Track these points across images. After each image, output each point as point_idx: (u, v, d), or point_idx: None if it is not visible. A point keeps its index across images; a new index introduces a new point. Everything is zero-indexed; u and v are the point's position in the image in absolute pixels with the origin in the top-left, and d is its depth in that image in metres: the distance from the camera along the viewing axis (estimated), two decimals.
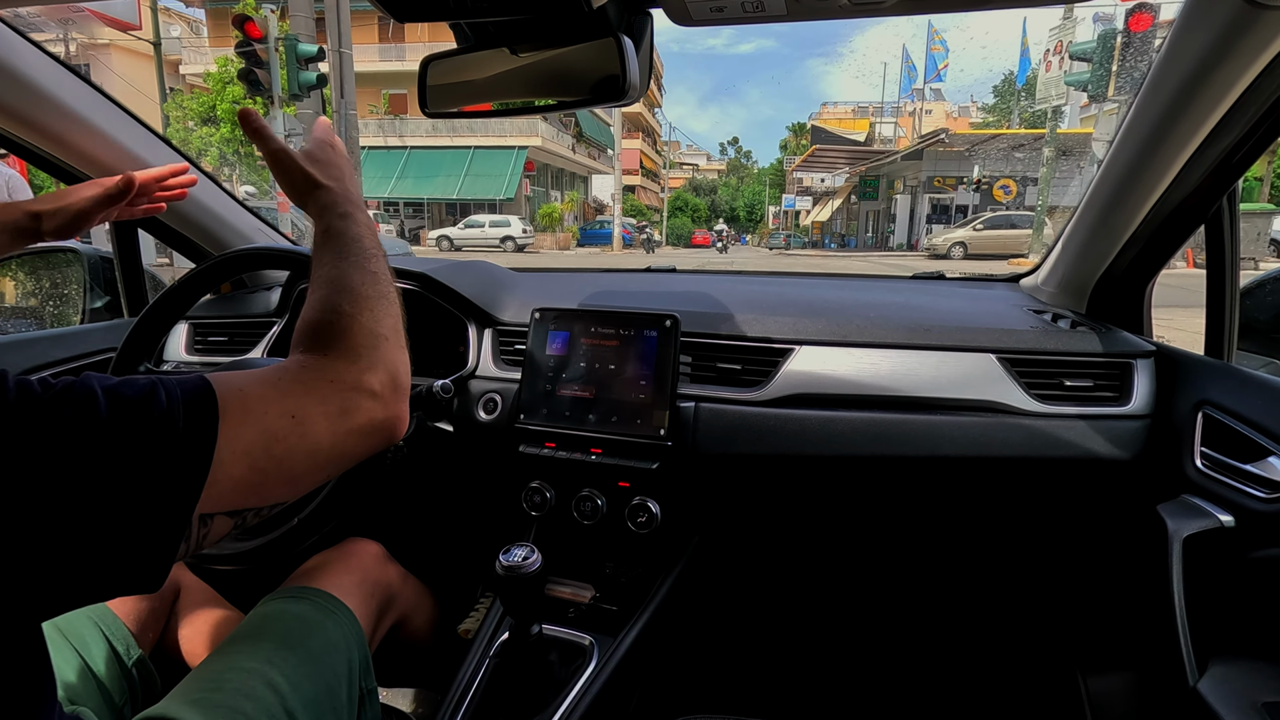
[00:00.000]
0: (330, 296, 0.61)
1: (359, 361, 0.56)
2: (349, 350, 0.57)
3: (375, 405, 0.56)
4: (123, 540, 0.41)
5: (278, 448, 0.48)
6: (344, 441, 0.53)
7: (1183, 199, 0.99)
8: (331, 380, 0.54)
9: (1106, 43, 9.20)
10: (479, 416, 1.19)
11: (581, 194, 34.37)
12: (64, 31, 17.88)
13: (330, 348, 0.57)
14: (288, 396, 0.50)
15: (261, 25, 7.55)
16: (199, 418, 0.45)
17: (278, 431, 0.48)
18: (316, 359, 0.56)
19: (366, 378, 0.56)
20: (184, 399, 0.45)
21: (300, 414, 0.50)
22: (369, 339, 0.59)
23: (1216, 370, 1.00)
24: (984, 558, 1.33)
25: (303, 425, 0.50)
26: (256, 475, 0.47)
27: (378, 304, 0.63)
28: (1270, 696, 0.79)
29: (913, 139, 28.09)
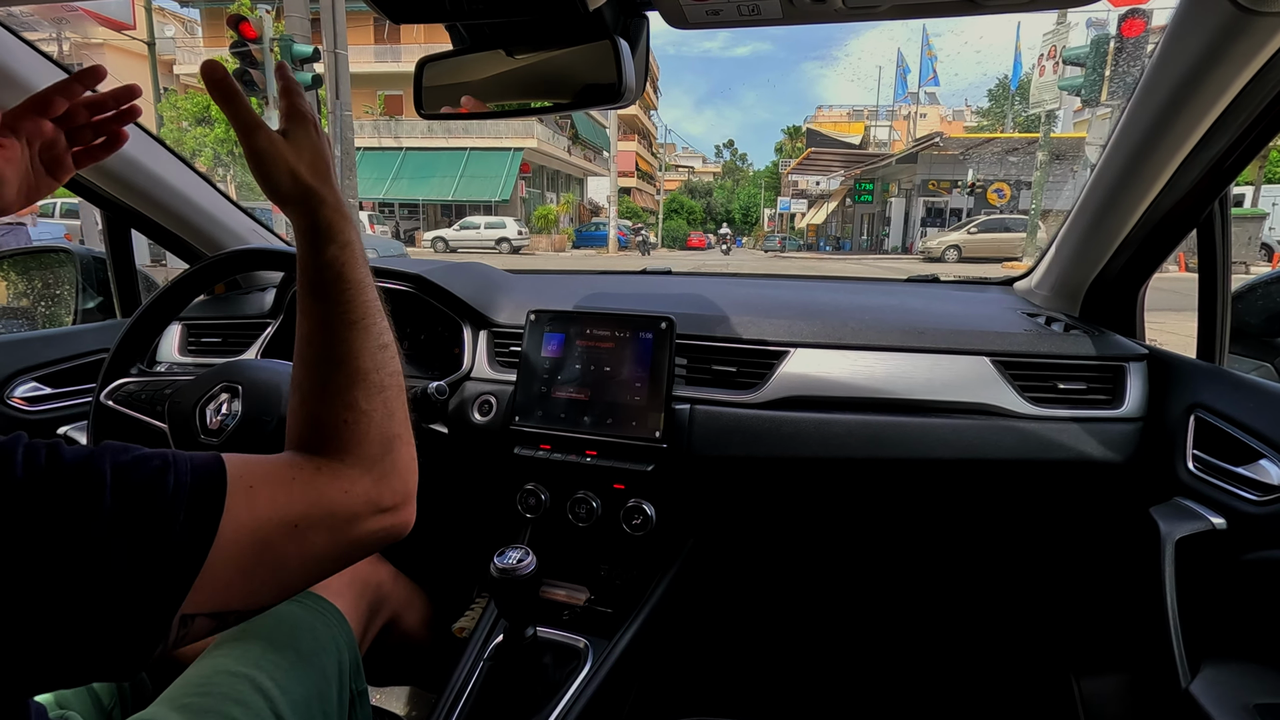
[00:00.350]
0: (341, 386, 0.55)
1: (373, 471, 0.53)
2: (363, 459, 0.53)
3: (385, 518, 0.53)
4: (103, 634, 0.40)
5: (272, 554, 0.46)
6: (345, 551, 0.52)
7: (1175, 203, 1.00)
8: (345, 491, 0.51)
9: (1099, 48, 9.27)
10: (474, 418, 1.19)
11: (577, 196, 34.38)
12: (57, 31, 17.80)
13: (342, 454, 0.53)
14: (295, 504, 0.48)
15: (256, 26, 7.53)
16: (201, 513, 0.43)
17: (276, 539, 0.46)
18: (329, 465, 0.52)
19: (380, 492, 0.53)
20: (191, 488, 0.43)
21: (304, 524, 0.48)
22: (383, 444, 0.55)
23: (1208, 374, 1.01)
24: (978, 560, 1.34)
25: (304, 535, 0.48)
26: (246, 580, 0.45)
27: (391, 393, 0.58)
28: (1262, 698, 0.80)
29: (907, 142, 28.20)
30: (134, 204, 1.29)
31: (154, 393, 0.99)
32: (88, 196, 1.26)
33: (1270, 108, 0.83)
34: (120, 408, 0.98)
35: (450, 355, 1.28)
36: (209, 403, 0.92)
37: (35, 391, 1.24)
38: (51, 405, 1.24)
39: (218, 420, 0.91)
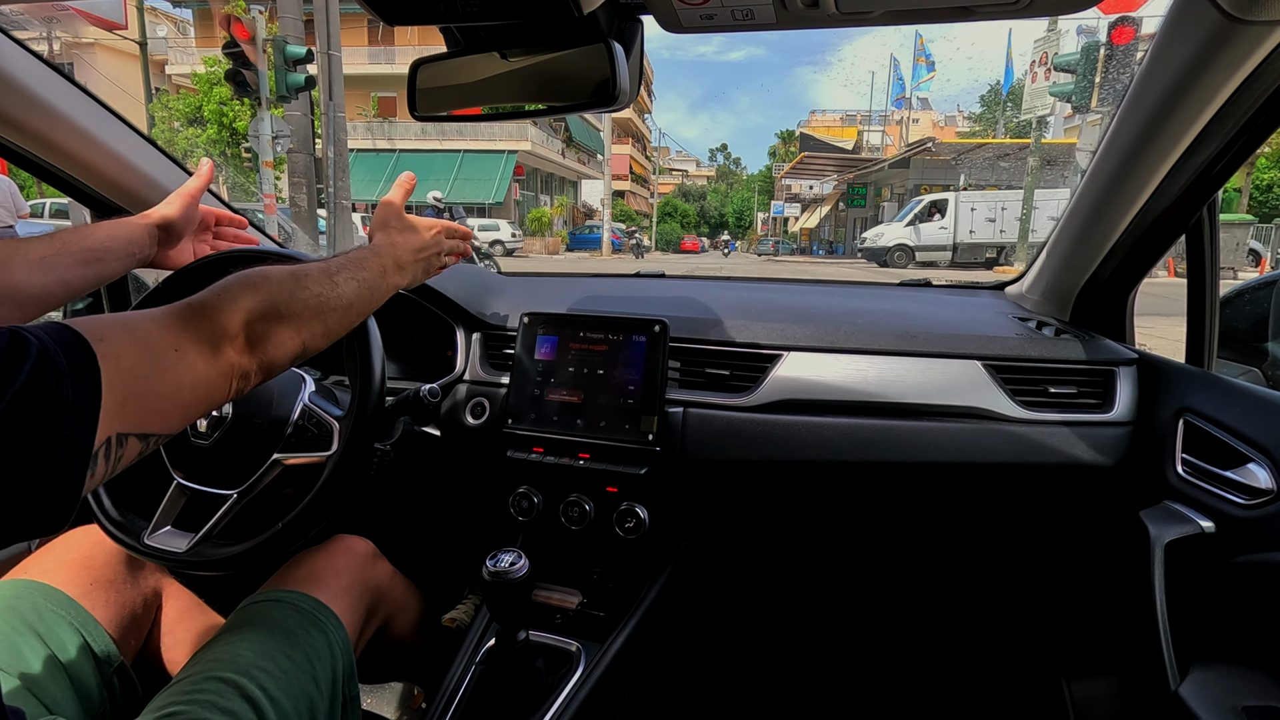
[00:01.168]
0: (274, 267, 0.66)
1: (238, 311, 0.59)
2: (238, 301, 0.60)
3: (232, 354, 0.58)
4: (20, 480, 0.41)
5: (166, 374, 0.52)
6: (215, 380, 0.57)
7: (1164, 209, 1.01)
8: (208, 320, 0.57)
9: (1090, 55, 9.35)
10: (466, 421, 1.19)
11: (571, 199, 34.38)
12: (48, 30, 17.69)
13: (227, 293, 0.60)
14: (170, 331, 0.54)
15: (250, 26, 7.51)
16: (75, 352, 0.45)
17: (164, 360, 0.52)
18: (208, 298, 0.59)
19: (236, 326, 0.59)
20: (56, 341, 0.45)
21: (183, 348, 0.54)
22: (266, 303, 0.62)
23: (1197, 378, 1.02)
24: (970, 563, 1.34)
25: (184, 358, 0.54)
26: (154, 397, 0.51)
27: (304, 290, 0.66)
28: (1250, 700, 0.80)
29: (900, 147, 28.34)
30: (124, 204, 1.28)
31: None
32: (77, 196, 1.25)
33: (1258, 115, 0.84)
34: None
35: (443, 358, 1.28)
36: None
37: None
38: None
39: (208, 422, 0.90)
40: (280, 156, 8.79)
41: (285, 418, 0.91)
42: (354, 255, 0.77)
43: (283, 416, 0.91)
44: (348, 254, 0.77)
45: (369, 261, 0.77)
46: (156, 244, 0.93)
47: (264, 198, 8.69)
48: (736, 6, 0.70)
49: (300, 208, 8.77)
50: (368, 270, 0.76)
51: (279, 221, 8.62)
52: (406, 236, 0.87)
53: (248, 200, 12.39)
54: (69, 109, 1.11)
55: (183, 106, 15.91)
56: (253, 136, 8.47)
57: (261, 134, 8.28)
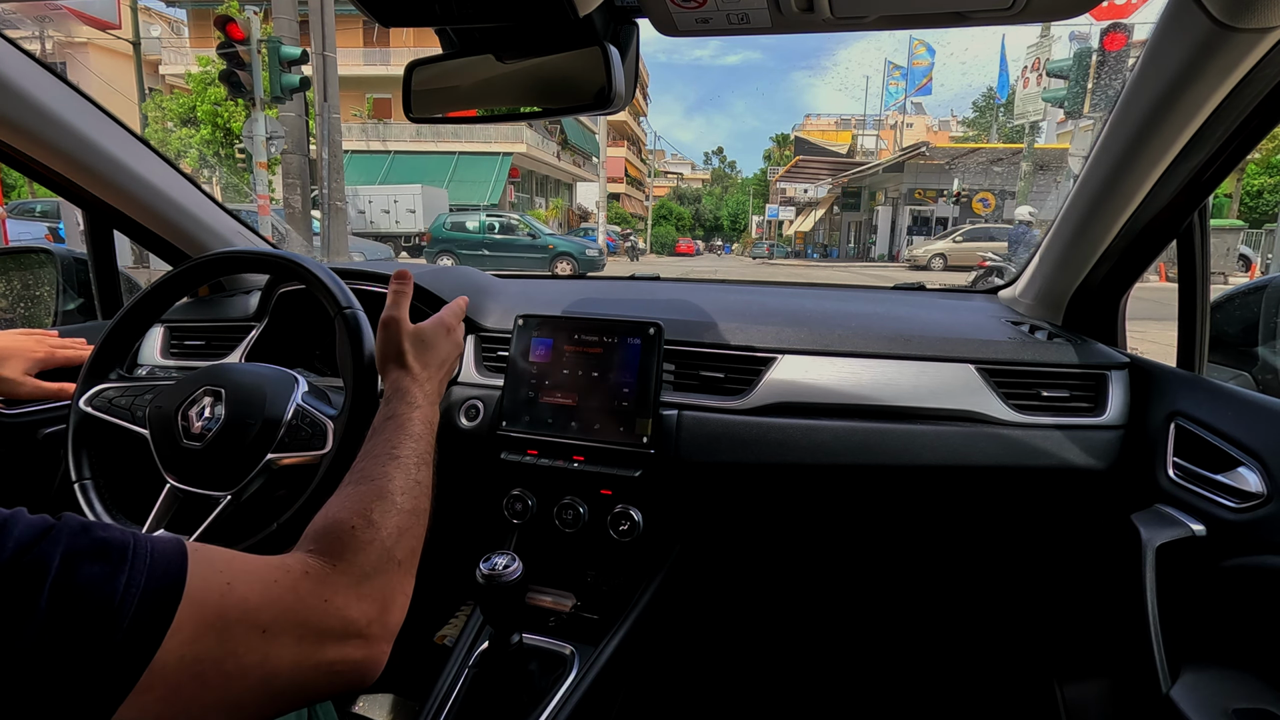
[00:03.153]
0: (363, 498, 0.58)
1: (360, 586, 0.51)
2: (354, 569, 0.52)
3: (358, 646, 0.49)
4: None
5: (231, 662, 0.41)
6: (308, 675, 0.46)
7: (1155, 214, 1.02)
8: (325, 600, 0.48)
9: (1082, 61, 9.41)
10: (460, 423, 1.18)
11: (566, 201, 34.37)
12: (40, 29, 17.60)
13: (336, 558, 0.51)
14: (269, 605, 0.44)
15: (244, 27, 7.48)
16: (148, 620, 0.38)
17: (240, 645, 0.42)
18: (317, 568, 0.50)
19: (362, 611, 0.50)
20: (143, 592, 0.39)
21: (273, 629, 0.44)
22: (381, 561, 0.54)
23: (1188, 382, 1.02)
24: (962, 565, 1.35)
25: (270, 643, 0.43)
26: (197, 686, 0.40)
27: (407, 521, 0.60)
28: (1240, 703, 0.81)
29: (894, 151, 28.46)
30: (116, 204, 1.27)
31: (134, 397, 0.98)
32: (69, 196, 1.24)
33: (1248, 121, 0.85)
34: (100, 414, 0.97)
35: None
36: (191, 406, 0.91)
37: None
38: (31, 408, 1.22)
39: (200, 424, 0.90)
40: (274, 157, 8.76)
41: (278, 418, 0.91)
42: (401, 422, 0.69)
43: (276, 417, 0.91)
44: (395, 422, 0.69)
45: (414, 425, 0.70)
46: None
47: (258, 199, 8.66)
48: (731, 10, 0.70)
49: (294, 209, 8.74)
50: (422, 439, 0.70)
51: (273, 222, 8.59)
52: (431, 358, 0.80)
53: (241, 201, 12.35)
54: (61, 109, 1.10)
55: (176, 107, 15.83)
56: (247, 137, 8.45)
57: (255, 135, 8.26)
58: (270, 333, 1.27)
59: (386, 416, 0.71)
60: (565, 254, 15.85)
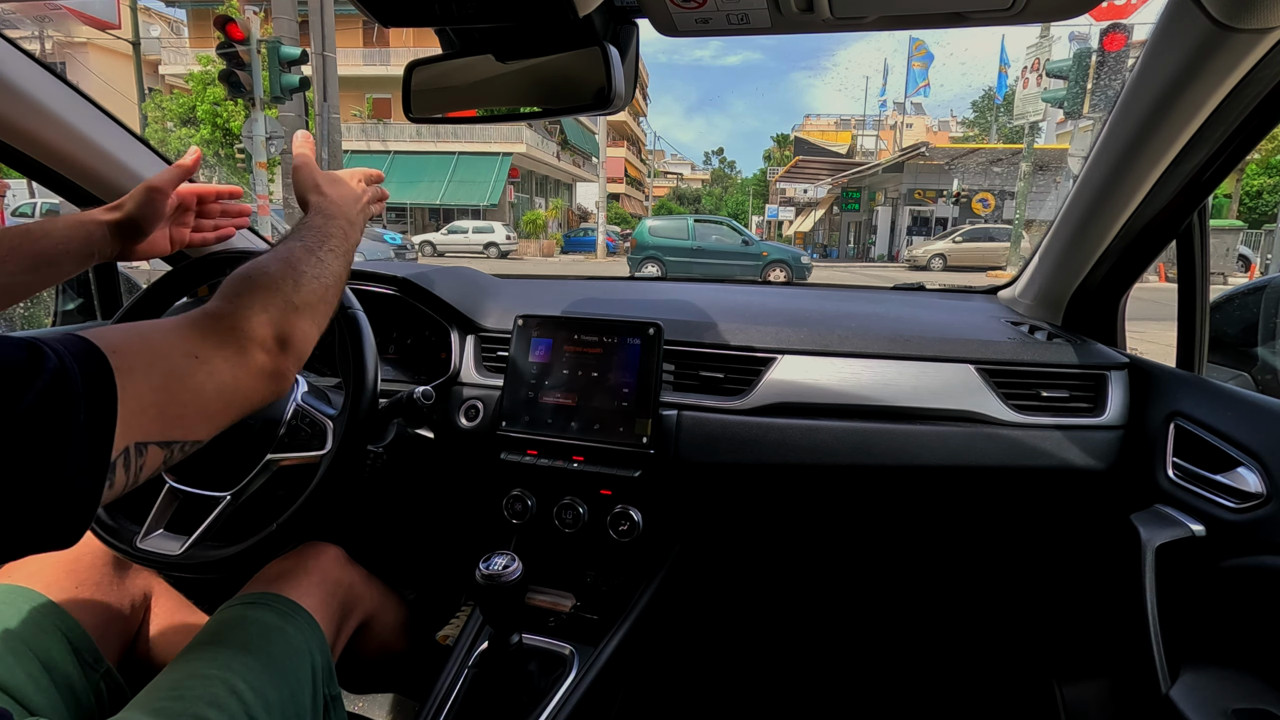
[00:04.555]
0: (267, 260, 0.66)
1: (259, 314, 0.60)
2: (254, 304, 0.61)
3: (268, 354, 0.59)
4: (34, 496, 0.41)
5: (188, 381, 0.52)
6: (245, 382, 0.57)
7: (1155, 215, 1.02)
8: (230, 328, 0.58)
9: (1082, 61, 9.42)
10: (460, 423, 1.18)
11: (566, 201, 34.38)
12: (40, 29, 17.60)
13: (240, 299, 0.60)
14: (187, 340, 0.54)
15: (244, 27, 7.48)
16: (90, 366, 0.45)
17: (184, 368, 0.52)
18: (223, 305, 0.59)
19: (260, 329, 0.59)
20: (72, 354, 0.44)
21: (203, 355, 0.54)
22: (280, 300, 0.63)
23: (1188, 382, 1.02)
24: (962, 565, 1.35)
25: (206, 364, 0.54)
26: (175, 406, 0.51)
27: (304, 277, 0.67)
28: (1240, 703, 0.81)
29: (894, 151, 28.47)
30: None
31: None
32: (68, 195, 1.24)
33: (1248, 121, 0.85)
34: None
35: (437, 360, 1.27)
36: None
37: None
38: None
39: None
40: (274, 157, 8.77)
41: (278, 418, 0.91)
42: (314, 227, 0.76)
43: (275, 417, 0.91)
44: (308, 228, 0.76)
45: (330, 229, 0.76)
46: (119, 240, 0.86)
47: (257, 199, 8.67)
48: (731, 10, 0.70)
49: (294, 208, 8.72)
50: (335, 238, 0.76)
51: (272, 222, 8.60)
52: (340, 191, 0.84)
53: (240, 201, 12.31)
54: (61, 108, 1.10)
55: (176, 106, 15.82)
56: (246, 137, 8.45)
57: (255, 135, 8.26)
58: None
59: (301, 224, 0.76)
60: (779, 261, 14.63)
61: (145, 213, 0.86)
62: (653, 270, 14.00)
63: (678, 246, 14.52)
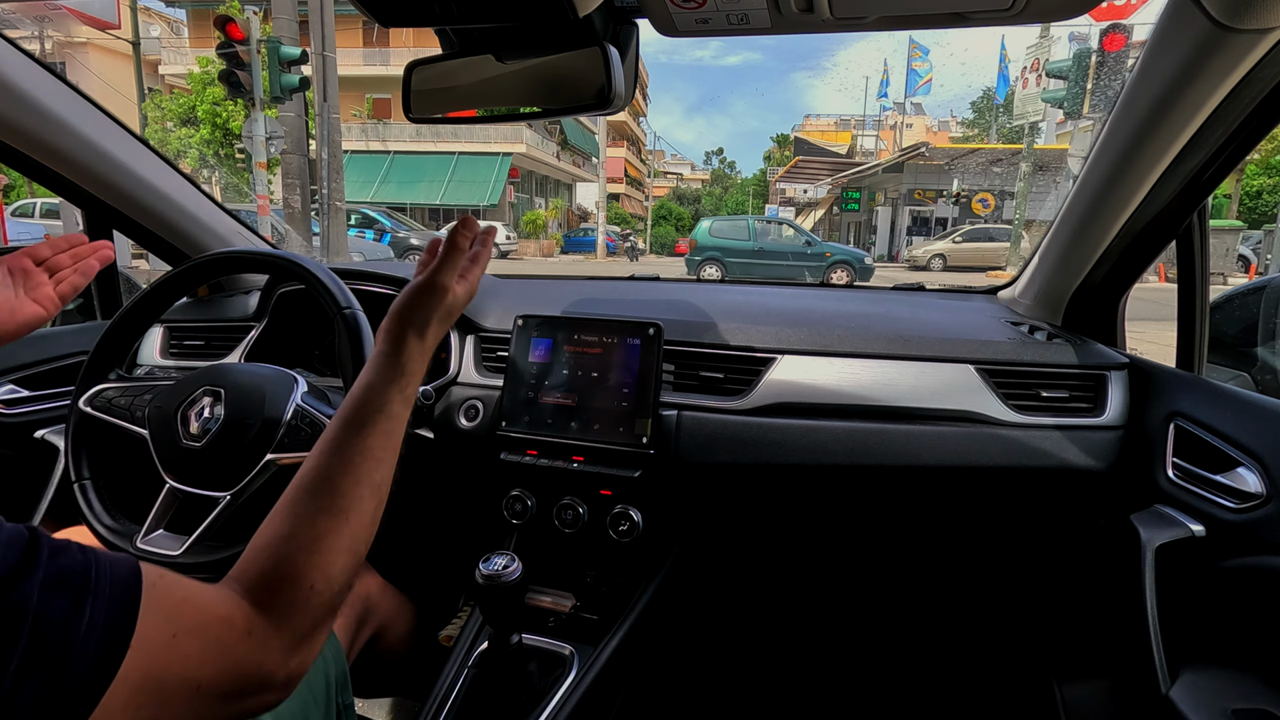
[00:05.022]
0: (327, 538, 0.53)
1: (298, 648, 0.49)
2: (297, 631, 0.49)
3: (270, 694, 0.49)
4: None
5: (165, 714, 0.41)
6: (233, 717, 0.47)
7: (1155, 215, 1.02)
8: (259, 665, 0.47)
9: (1081, 61, 9.42)
10: (460, 423, 1.18)
11: (566, 201, 34.38)
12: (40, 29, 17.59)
13: (282, 620, 0.49)
14: (208, 666, 0.44)
15: (244, 27, 7.48)
16: (108, 651, 0.38)
17: (175, 699, 0.42)
18: (261, 628, 0.48)
19: (287, 666, 0.49)
20: (105, 619, 0.38)
21: (205, 687, 0.43)
22: (324, 616, 0.52)
23: (1187, 382, 1.02)
24: (962, 565, 1.35)
25: (201, 700, 0.43)
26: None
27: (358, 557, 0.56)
28: (1239, 703, 0.81)
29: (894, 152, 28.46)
30: (116, 204, 1.27)
31: (134, 397, 0.98)
32: (68, 196, 1.24)
33: (1247, 122, 0.85)
34: (99, 414, 0.97)
35: (436, 360, 1.27)
36: (190, 406, 0.91)
37: (12, 394, 1.22)
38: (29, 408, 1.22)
39: (199, 425, 0.90)
40: (274, 158, 8.76)
41: (278, 418, 0.91)
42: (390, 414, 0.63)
43: (275, 417, 0.91)
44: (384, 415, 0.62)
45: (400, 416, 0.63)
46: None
47: (257, 199, 8.66)
48: (731, 10, 0.70)
49: (294, 209, 8.74)
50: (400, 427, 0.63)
51: (272, 223, 8.59)
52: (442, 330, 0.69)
53: (241, 201, 12.33)
54: (61, 109, 1.10)
55: (176, 107, 15.80)
56: (246, 137, 8.44)
57: (255, 135, 8.26)
58: (270, 333, 1.27)
59: (374, 403, 0.61)
60: (842, 262, 14.07)
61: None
62: (712, 272, 13.64)
63: (738, 248, 14.05)
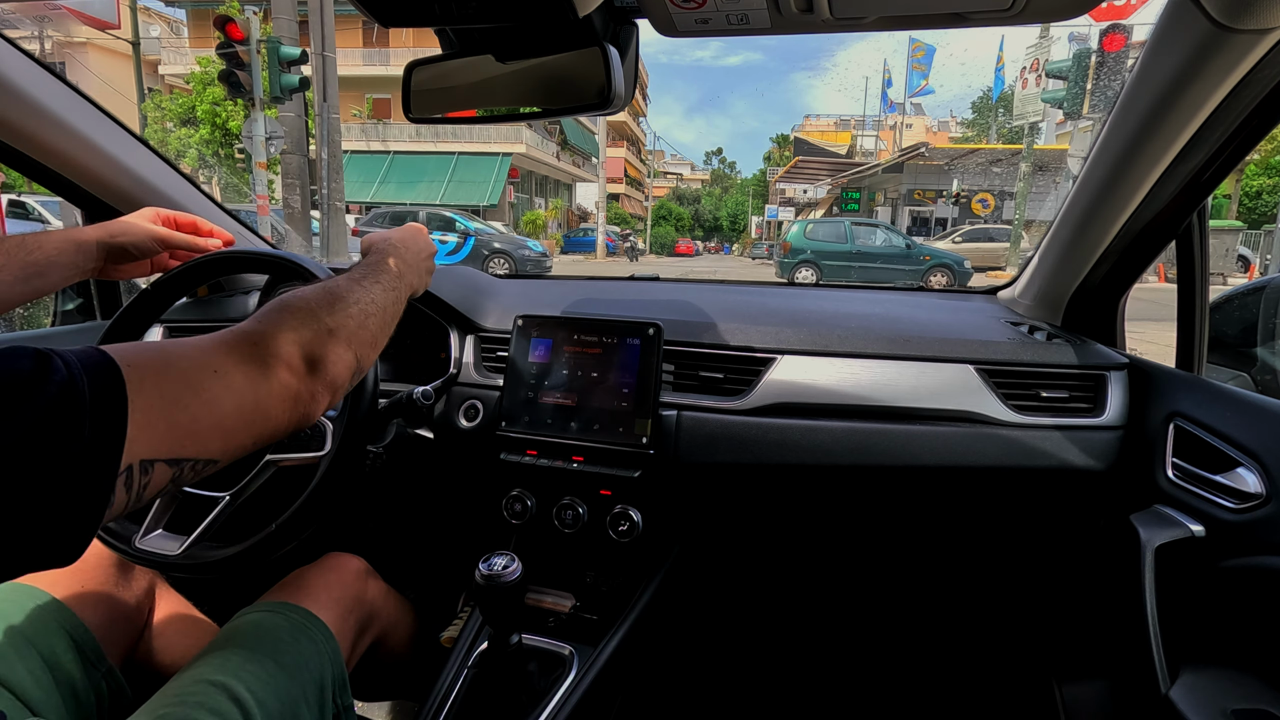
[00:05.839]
0: (307, 287, 0.65)
1: (287, 333, 0.58)
2: (284, 324, 0.59)
3: (295, 377, 0.57)
4: (33, 514, 0.40)
5: (204, 394, 0.50)
6: (266, 402, 0.55)
7: (1154, 215, 1.02)
8: (254, 344, 0.56)
9: (1081, 62, 9.42)
10: (460, 423, 1.18)
11: (565, 201, 34.38)
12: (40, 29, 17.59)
13: (269, 317, 0.59)
14: (209, 354, 0.52)
15: (243, 27, 7.48)
16: (101, 378, 0.43)
17: (201, 381, 0.50)
18: (252, 324, 0.58)
19: (287, 348, 0.57)
20: (84, 366, 0.43)
21: (222, 369, 0.52)
22: (313, 323, 0.61)
23: (1187, 383, 1.02)
24: (962, 565, 1.35)
25: (225, 379, 0.52)
26: (187, 419, 0.48)
27: (342, 302, 0.65)
28: (1239, 704, 0.81)
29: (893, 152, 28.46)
30: (116, 204, 1.27)
31: None
32: (68, 196, 1.24)
33: (1247, 121, 0.85)
34: None
35: (436, 360, 1.27)
36: None
37: None
38: None
39: None
40: (274, 157, 8.76)
41: None
42: (366, 262, 0.77)
43: None
44: (359, 264, 0.77)
45: (383, 265, 0.76)
46: (106, 262, 0.91)
47: (257, 199, 8.66)
48: (731, 11, 0.70)
49: (294, 209, 8.74)
50: (387, 274, 0.75)
51: (272, 223, 8.59)
52: (408, 234, 0.86)
53: (240, 201, 12.33)
54: (60, 108, 1.10)
55: (175, 107, 15.80)
56: (246, 137, 8.44)
57: (255, 135, 8.25)
58: None
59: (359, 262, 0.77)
60: (942, 265, 13.73)
61: (141, 248, 0.93)
62: (807, 275, 13.42)
63: (834, 250, 13.85)
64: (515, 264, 13.44)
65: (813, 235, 14.54)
